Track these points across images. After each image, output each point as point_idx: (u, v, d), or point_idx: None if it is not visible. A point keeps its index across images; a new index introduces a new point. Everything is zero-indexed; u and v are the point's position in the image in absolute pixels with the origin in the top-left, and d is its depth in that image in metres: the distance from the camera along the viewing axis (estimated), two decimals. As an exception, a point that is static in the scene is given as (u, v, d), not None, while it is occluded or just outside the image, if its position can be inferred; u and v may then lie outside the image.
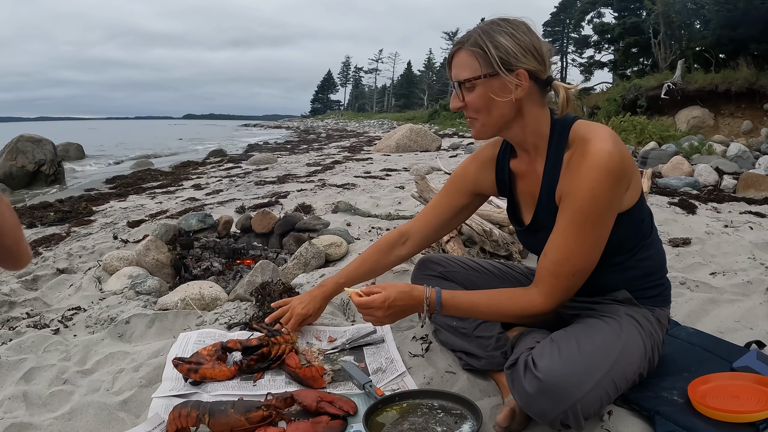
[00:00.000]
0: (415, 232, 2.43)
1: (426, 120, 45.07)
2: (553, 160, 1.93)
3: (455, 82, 1.91)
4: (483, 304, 1.98)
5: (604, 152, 1.76)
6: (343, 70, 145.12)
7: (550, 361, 1.68)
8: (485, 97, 1.87)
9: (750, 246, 4.06)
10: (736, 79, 16.86)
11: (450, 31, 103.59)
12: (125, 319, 3.06)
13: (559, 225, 1.86)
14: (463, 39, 1.90)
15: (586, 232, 1.81)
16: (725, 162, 8.30)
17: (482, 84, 1.86)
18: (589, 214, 1.79)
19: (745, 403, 1.80)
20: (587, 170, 1.77)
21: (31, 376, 2.51)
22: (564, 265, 1.85)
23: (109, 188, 11.14)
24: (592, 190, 1.76)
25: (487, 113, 1.91)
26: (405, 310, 2.04)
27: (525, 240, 2.27)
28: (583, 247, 1.83)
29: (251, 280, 3.39)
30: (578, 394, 1.63)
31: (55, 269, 4.35)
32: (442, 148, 15.84)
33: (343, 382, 2.23)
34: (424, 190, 4.74)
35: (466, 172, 2.31)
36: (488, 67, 1.83)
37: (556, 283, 1.88)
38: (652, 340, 1.96)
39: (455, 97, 1.94)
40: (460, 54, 1.89)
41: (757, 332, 2.63)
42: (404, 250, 2.46)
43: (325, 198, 6.86)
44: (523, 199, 2.15)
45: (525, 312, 1.93)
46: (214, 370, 2.24)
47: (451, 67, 1.95)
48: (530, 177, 2.06)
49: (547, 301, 1.90)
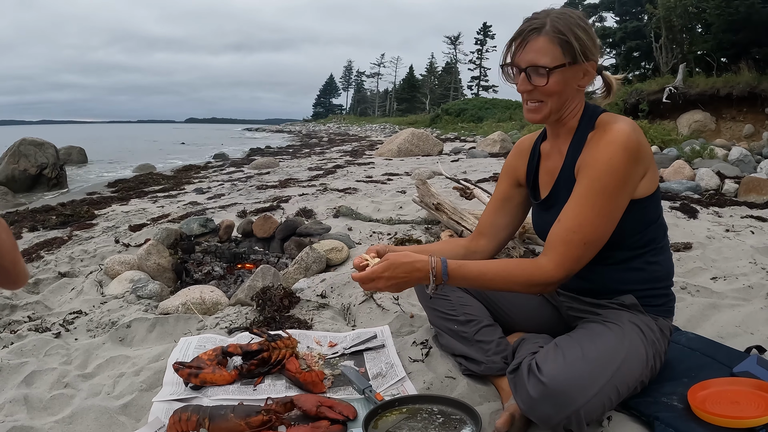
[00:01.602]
0: (487, 228, 2.37)
1: (428, 124, 45.13)
2: (578, 139, 2.00)
3: (528, 66, 1.91)
4: (491, 271, 1.94)
5: (624, 131, 1.85)
6: (345, 75, 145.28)
7: (554, 366, 1.69)
8: (561, 83, 1.92)
9: (751, 250, 4.05)
10: (738, 82, 16.81)
11: (452, 36, 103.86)
12: (126, 323, 3.07)
13: (575, 194, 1.90)
14: (538, 24, 1.91)
15: (601, 202, 1.85)
16: (727, 166, 8.28)
17: (561, 71, 1.90)
18: (606, 185, 1.84)
19: (744, 409, 1.79)
20: (606, 144, 1.86)
21: (32, 380, 2.52)
22: (577, 232, 1.87)
23: (111, 192, 11.14)
24: (610, 161, 1.83)
25: (558, 98, 1.95)
26: (408, 280, 1.96)
27: (538, 218, 2.25)
28: (596, 217, 1.86)
29: (252, 285, 3.40)
30: (582, 399, 1.65)
31: (57, 273, 4.36)
32: (443, 152, 15.84)
33: (343, 386, 2.23)
34: (425, 195, 4.74)
35: (508, 162, 2.37)
36: (570, 56, 1.88)
37: (566, 251, 1.88)
38: (655, 348, 1.96)
39: (524, 80, 1.94)
40: (539, 40, 1.89)
41: (757, 337, 2.63)
42: (478, 245, 2.36)
43: (326, 202, 6.86)
44: (542, 177, 2.20)
45: (533, 280, 1.90)
46: (215, 374, 2.24)
47: (520, 48, 1.93)
48: (553, 156, 2.13)
49: (557, 270, 1.89)
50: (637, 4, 30.99)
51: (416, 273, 1.94)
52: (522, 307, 2.37)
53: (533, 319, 2.36)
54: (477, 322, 2.28)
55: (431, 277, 1.92)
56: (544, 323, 2.31)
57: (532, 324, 2.35)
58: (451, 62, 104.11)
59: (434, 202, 4.62)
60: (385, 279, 1.94)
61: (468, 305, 2.34)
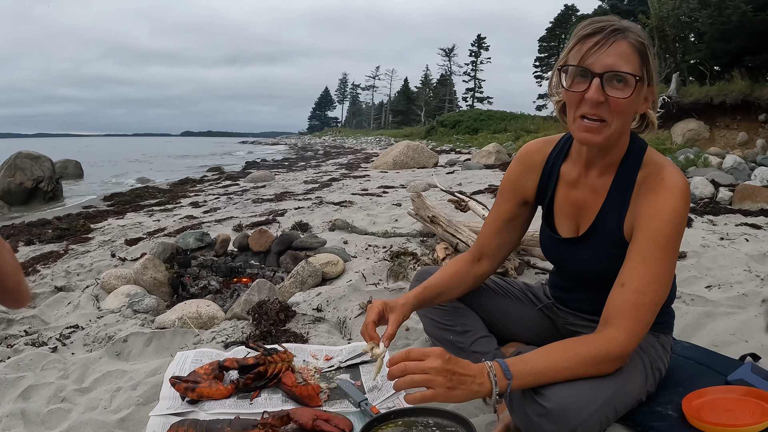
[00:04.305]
0: (486, 249, 2.19)
1: (423, 136, 45.23)
2: (624, 179, 1.84)
3: (608, 71, 1.64)
4: (559, 358, 1.68)
5: (681, 178, 1.74)
6: (341, 87, 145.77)
7: (552, 387, 1.66)
8: (634, 102, 1.70)
9: (746, 258, 4.07)
10: (731, 91, 16.88)
11: (446, 48, 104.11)
12: (123, 338, 3.07)
13: (638, 250, 1.74)
14: (621, 27, 1.65)
15: (666, 257, 1.72)
16: (721, 174, 8.31)
17: (638, 88, 1.68)
18: (669, 238, 1.71)
19: (739, 416, 1.80)
20: (667, 194, 1.72)
21: (29, 394, 2.52)
22: (647, 293, 1.70)
23: (107, 205, 11.16)
24: (673, 212, 1.71)
25: (624, 119, 1.72)
26: (464, 381, 1.63)
27: (555, 249, 2.11)
28: (664, 274, 1.73)
29: (248, 299, 3.40)
30: (579, 419, 1.62)
31: (53, 287, 4.37)
32: (439, 164, 15.88)
33: (339, 400, 2.23)
34: (420, 208, 4.75)
35: (513, 178, 2.13)
36: (644, 71, 1.67)
37: (639, 315, 1.70)
38: (654, 366, 1.95)
39: (597, 88, 1.63)
40: (623, 44, 1.64)
41: (752, 345, 2.64)
42: (480, 268, 2.20)
43: (322, 216, 6.87)
44: (564, 206, 2.02)
45: (609, 356, 1.69)
46: (211, 388, 2.24)
47: (600, 49, 1.64)
48: (583, 187, 1.95)
49: (631, 339, 1.70)
50: (630, 15, 31.09)
51: (469, 372, 1.65)
52: (518, 320, 2.35)
53: (530, 330, 2.34)
54: (473, 333, 2.24)
55: (492, 382, 1.63)
56: (541, 335, 2.29)
57: (529, 335, 2.34)
58: (446, 74, 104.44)
59: (429, 215, 4.63)
60: (444, 373, 1.63)
61: (464, 315, 2.29)
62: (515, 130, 33.13)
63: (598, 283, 1.90)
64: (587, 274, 2.01)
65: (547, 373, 1.65)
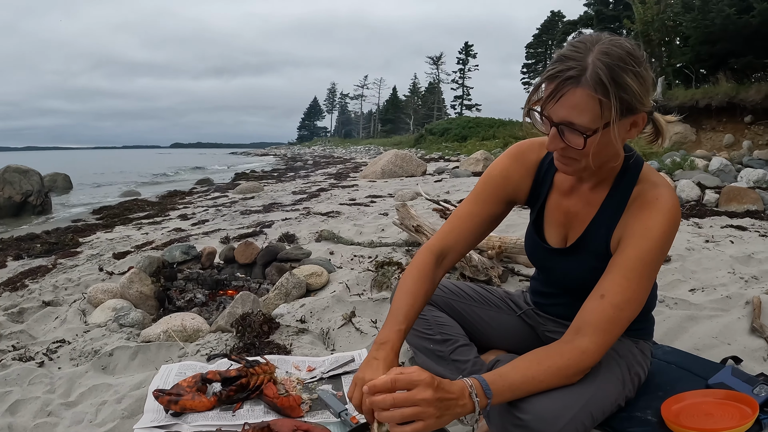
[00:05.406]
0: (451, 250, 2.05)
1: (412, 145, 45.41)
2: (619, 196, 1.83)
3: (562, 122, 1.60)
4: (535, 371, 1.65)
5: (674, 200, 1.74)
6: (329, 97, 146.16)
7: (528, 397, 1.65)
8: (602, 144, 1.62)
9: (730, 260, 4.09)
10: (717, 93, 17.04)
11: (434, 56, 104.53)
12: (109, 352, 3.08)
13: (623, 265, 1.72)
14: (577, 72, 1.54)
15: (650, 276, 1.72)
16: (707, 176, 8.36)
17: (604, 132, 1.59)
18: (654, 257, 1.71)
19: (718, 420, 1.80)
20: (658, 215, 1.71)
21: (16, 409, 2.55)
22: (625, 309, 1.69)
23: (95, 219, 11.11)
24: (664, 234, 1.70)
25: (596, 158, 1.65)
26: (450, 406, 1.54)
27: (542, 258, 2.08)
28: (643, 292, 1.73)
29: (232, 312, 3.41)
30: (556, 428, 1.61)
31: (41, 302, 4.36)
32: (427, 172, 15.92)
33: (321, 410, 2.24)
34: (405, 217, 4.77)
35: (507, 175, 2.03)
36: (616, 112, 1.55)
37: (614, 330, 1.70)
38: (633, 371, 1.95)
39: (555, 137, 1.62)
40: (577, 93, 1.54)
41: (734, 347, 2.66)
42: (442, 271, 2.06)
43: (309, 226, 6.88)
44: (553, 214, 2.00)
45: (578, 367, 1.68)
46: (194, 401, 2.25)
47: (553, 99, 1.59)
48: (574, 197, 1.94)
49: (600, 352, 1.70)
50: (615, 20, 31.35)
51: (452, 394, 1.55)
52: (498, 328, 2.35)
53: (510, 338, 2.34)
54: (453, 342, 2.23)
55: (473, 399, 1.57)
56: (521, 342, 2.29)
57: (509, 343, 2.35)
58: (434, 82, 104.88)
59: (414, 224, 4.65)
60: (434, 402, 1.51)
61: (444, 324, 2.28)
62: (504, 136, 33.31)
63: (581, 291, 1.91)
64: (572, 283, 2.01)
65: (523, 387, 1.63)
